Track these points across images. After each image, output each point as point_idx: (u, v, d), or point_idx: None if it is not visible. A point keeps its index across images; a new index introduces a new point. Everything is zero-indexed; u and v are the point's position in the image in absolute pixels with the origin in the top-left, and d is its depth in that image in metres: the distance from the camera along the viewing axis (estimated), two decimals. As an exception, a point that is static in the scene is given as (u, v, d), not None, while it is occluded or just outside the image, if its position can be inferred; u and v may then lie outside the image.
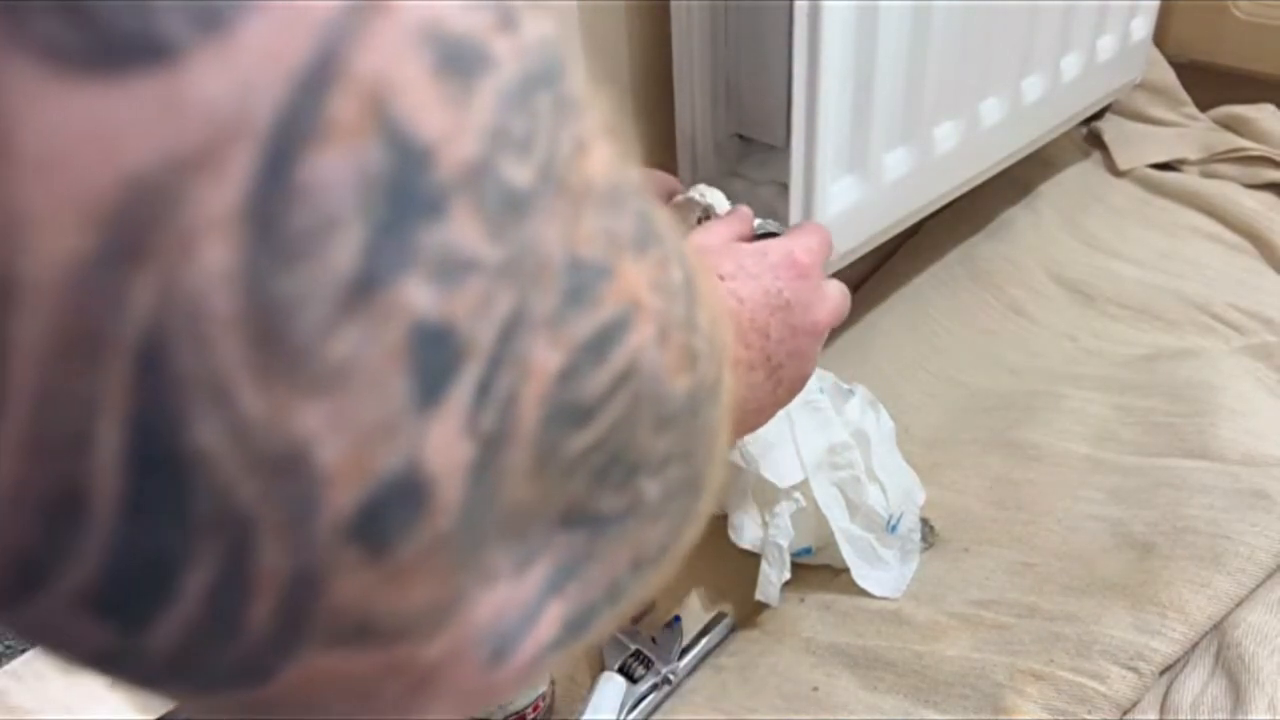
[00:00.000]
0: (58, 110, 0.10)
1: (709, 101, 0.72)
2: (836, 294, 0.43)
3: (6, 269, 0.10)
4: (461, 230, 0.12)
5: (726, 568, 0.69)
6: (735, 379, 0.34)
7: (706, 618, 0.67)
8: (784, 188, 0.69)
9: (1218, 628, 0.59)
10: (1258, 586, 0.60)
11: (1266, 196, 1.05)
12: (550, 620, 0.16)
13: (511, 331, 0.13)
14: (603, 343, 0.14)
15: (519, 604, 0.15)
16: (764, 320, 0.36)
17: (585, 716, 0.59)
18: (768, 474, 0.63)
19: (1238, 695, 0.54)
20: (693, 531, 0.20)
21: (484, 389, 0.13)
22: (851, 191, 0.72)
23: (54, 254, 0.10)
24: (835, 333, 0.91)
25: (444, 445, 0.13)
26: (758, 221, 0.49)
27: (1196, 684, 0.56)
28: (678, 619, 0.65)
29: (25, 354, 0.10)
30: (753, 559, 0.65)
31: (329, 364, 0.11)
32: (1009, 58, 0.84)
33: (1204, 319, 0.90)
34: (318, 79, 0.11)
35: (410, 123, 0.11)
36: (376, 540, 0.12)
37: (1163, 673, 0.57)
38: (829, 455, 0.65)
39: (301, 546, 0.12)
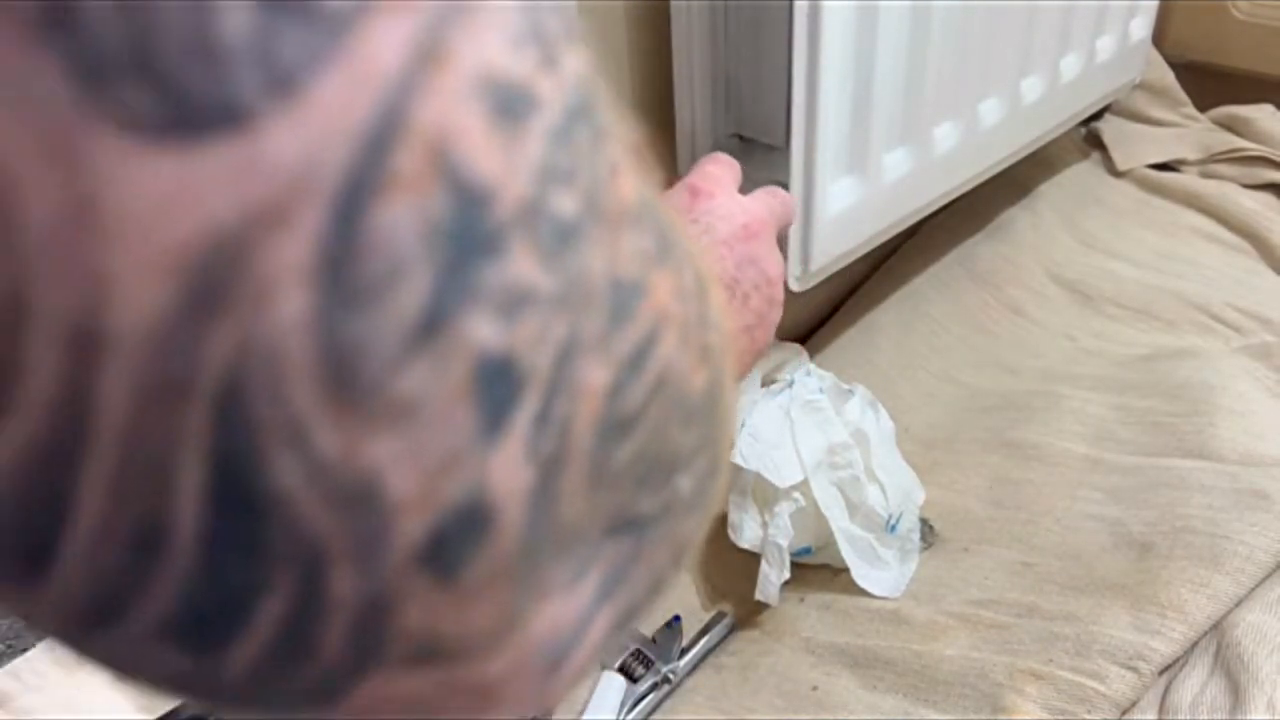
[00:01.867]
0: (140, 176, 0.10)
1: (709, 101, 0.72)
2: (760, 195, 0.43)
3: (95, 323, 0.11)
4: (520, 264, 0.13)
5: (726, 567, 0.69)
6: None
7: (706, 617, 0.67)
8: (784, 188, 0.69)
9: (1217, 627, 0.59)
10: (1257, 586, 0.60)
11: (1265, 197, 1.05)
12: (601, 625, 0.17)
13: (566, 356, 0.14)
14: (640, 356, 0.15)
15: (574, 615, 0.16)
16: (692, 232, 0.38)
17: (585, 716, 0.59)
18: (768, 474, 0.63)
19: (1237, 695, 0.54)
20: (713, 511, 0.21)
21: (543, 414, 0.13)
22: (851, 192, 0.72)
23: (139, 308, 0.11)
24: (835, 333, 0.91)
25: (507, 471, 0.13)
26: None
27: (1196, 683, 0.56)
28: (678, 618, 0.65)
29: (112, 401, 0.11)
30: (752, 558, 0.65)
31: (399, 400, 0.12)
32: (1008, 58, 0.84)
33: (1203, 319, 0.90)
34: (382, 134, 0.11)
35: (469, 168, 0.12)
36: (444, 565, 0.13)
37: (1162, 672, 0.57)
38: (829, 455, 0.65)
39: (373, 574, 0.13)
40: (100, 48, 0.10)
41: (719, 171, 0.43)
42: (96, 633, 0.13)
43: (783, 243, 0.45)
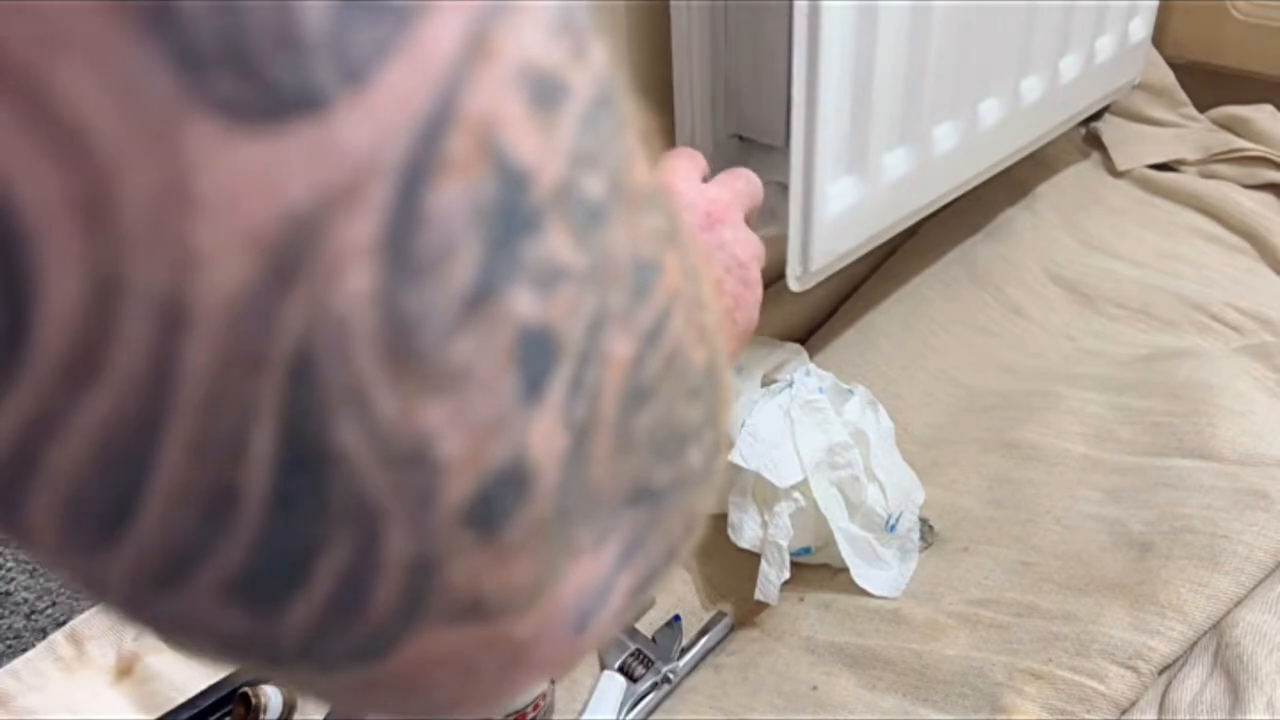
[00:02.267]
0: (229, 158, 0.11)
1: (709, 102, 0.72)
2: (722, 179, 0.44)
3: (182, 296, 0.11)
4: (556, 242, 0.14)
5: (726, 567, 0.69)
6: None
7: (706, 617, 0.67)
8: (784, 188, 0.69)
9: (1216, 627, 0.59)
10: (1256, 586, 0.61)
11: (1265, 197, 1.05)
12: (622, 589, 0.17)
13: (596, 328, 0.14)
14: (657, 330, 0.16)
15: (598, 578, 0.17)
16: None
17: (585, 716, 0.59)
18: (767, 474, 0.63)
19: (1236, 695, 0.54)
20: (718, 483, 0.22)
21: (576, 382, 0.14)
22: (851, 192, 0.72)
23: (222, 283, 0.11)
24: (835, 333, 0.91)
25: (545, 436, 0.14)
26: None
27: (1195, 683, 0.56)
28: (677, 618, 0.65)
29: (195, 370, 0.12)
30: (752, 558, 0.65)
31: (450, 367, 0.13)
32: (1008, 58, 0.84)
33: (1202, 319, 0.90)
34: (439, 121, 0.12)
35: (513, 153, 0.13)
36: (488, 524, 0.14)
37: (1161, 672, 0.57)
38: (828, 455, 0.65)
39: (424, 532, 0.13)
40: (198, 39, 0.11)
41: (679, 164, 0.43)
42: (163, 594, 0.13)
43: (751, 222, 0.45)
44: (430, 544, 0.13)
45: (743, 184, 0.44)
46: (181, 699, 0.57)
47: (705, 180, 0.45)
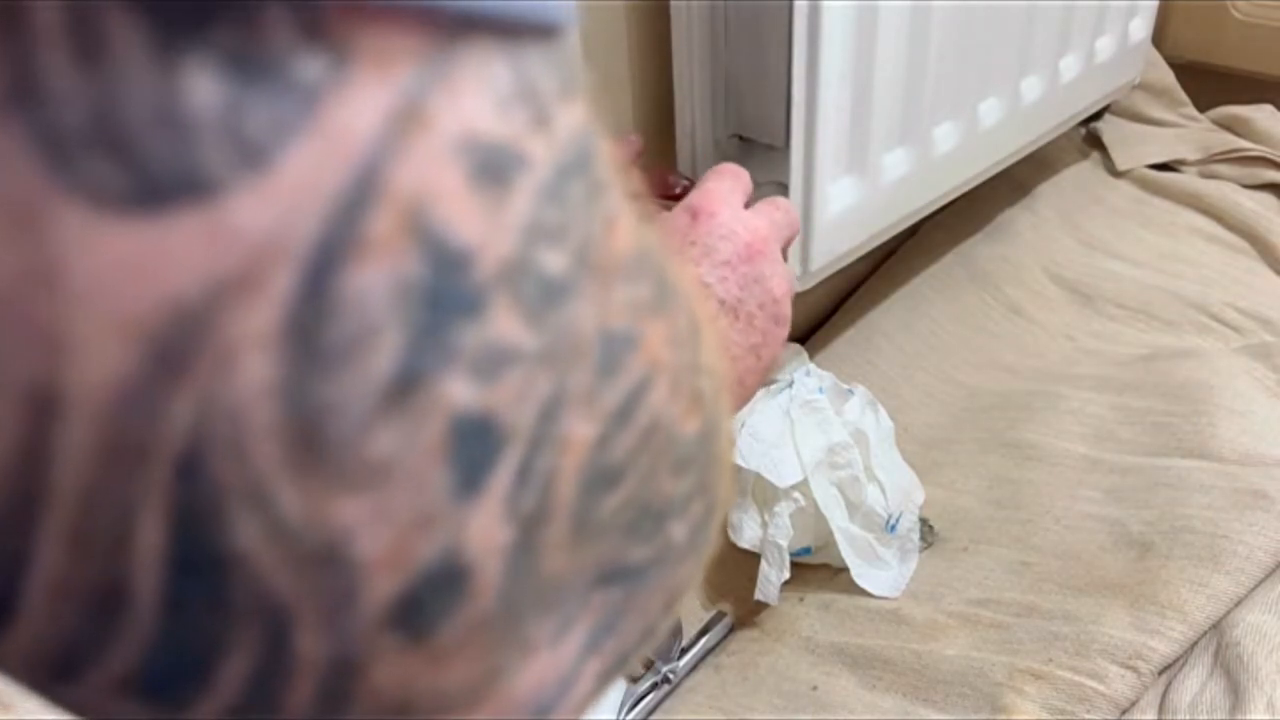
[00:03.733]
0: (103, 244, 0.10)
1: (709, 101, 0.72)
2: (763, 209, 0.42)
3: (55, 384, 0.11)
4: (501, 324, 0.13)
5: (726, 567, 0.69)
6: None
7: (706, 617, 0.67)
8: (784, 188, 0.69)
9: (1216, 627, 0.59)
10: (1256, 586, 0.61)
11: (1265, 197, 1.05)
12: (588, 677, 0.16)
13: (551, 412, 0.13)
14: (629, 407, 0.15)
15: (559, 669, 0.16)
16: (694, 275, 0.36)
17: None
18: (767, 474, 0.63)
19: (1236, 695, 0.54)
20: (712, 547, 0.20)
21: (524, 471, 0.13)
22: (851, 192, 0.72)
23: (100, 371, 0.11)
24: (835, 332, 0.91)
25: (484, 530, 0.13)
26: (673, 179, 0.48)
27: (1195, 683, 0.56)
28: (677, 618, 0.65)
29: (71, 459, 0.11)
30: (752, 558, 0.65)
31: (369, 462, 0.12)
32: (1008, 58, 0.84)
33: (1202, 319, 0.90)
34: (355, 200, 0.11)
35: (447, 231, 0.12)
36: (417, 626, 0.13)
37: (1161, 672, 0.57)
38: (828, 455, 0.65)
39: (341, 634, 0.13)
40: (65, 120, 0.10)
41: (722, 187, 0.42)
42: (61, 685, 0.13)
43: (786, 253, 0.45)
44: (349, 647, 0.13)
45: (781, 215, 0.43)
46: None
47: (748, 204, 0.43)
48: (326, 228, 0.11)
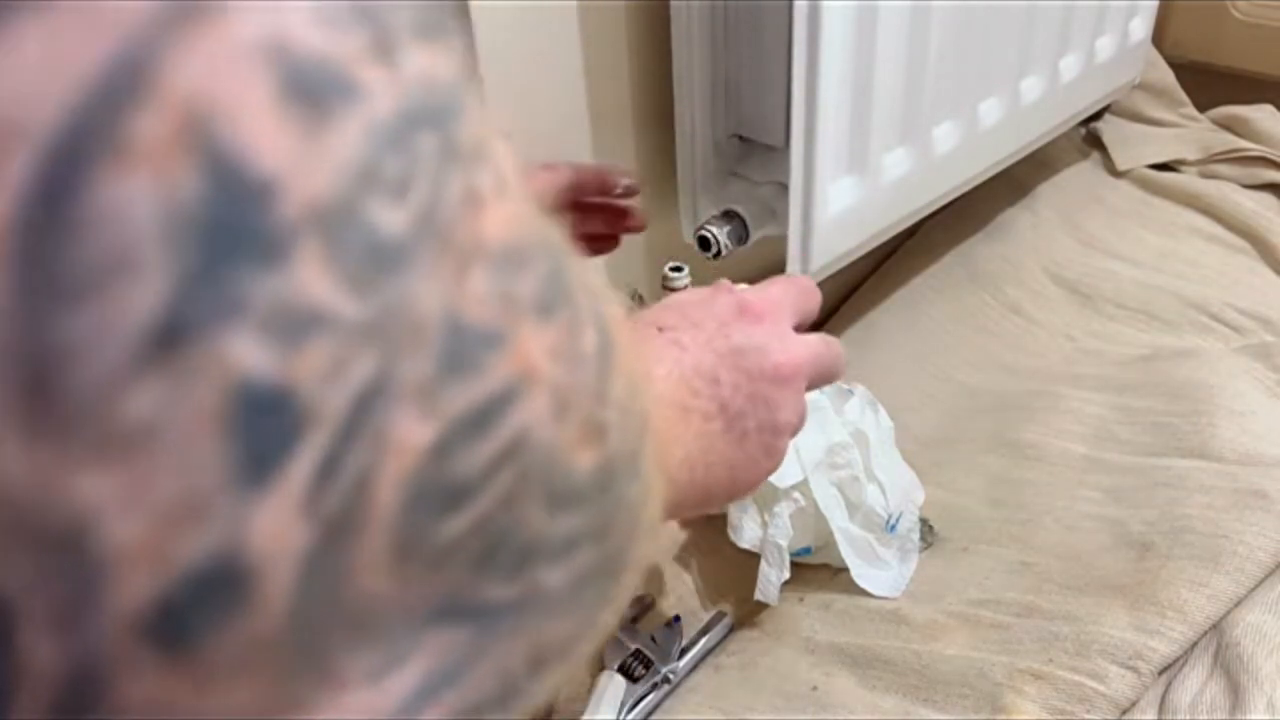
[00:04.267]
0: None
1: (709, 101, 0.72)
2: (812, 341, 0.40)
3: None
4: (309, 280, 0.11)
5: (726, 567, 0.69)
6: (686, 429, 0.32)
7: (706, 617, 0.67)
8: (784, 188, 0.69)
9: (1216, 627, 0.59)
10: (1256, 586, 0.61)
11: (1265, 197, 1.05)
12: None
13: (370, 400, 0.11)
14: (485, 416, 0.13)
15: (379, 712, 0.13)
16: (710, 365, 0.34)
17: (585, 716, 0.59)
18: (767, 474, 0.63)
19: (1236, 695, 0.54)
20: (610, 617, 0.18)
21: (330, 465, 0.11)
22: (851, 192, 0.72)
23: None
24: (835, 333, 0.91)
25: (274, 529, 0.11)
26: (740, 286, 0.46)
27: (1195, 684, 0.56)
28: (677, 618, 0.65)
29: None
30: (752, 558, 0.65)
31: (121, 425, 0.10)
32: (1008, 58, 0.84)
33: (1202, 319, 0.90)
34: (116, 89, 0.09)
35: (240, 150, 0.10)
36: (180, 638, 0.11)
37: (1161, 672, 0.57)
38: (828, 455, 0.65)
39: (82, 641, 0.10)
40: None
41: (781, 299, 0.40)
42: None
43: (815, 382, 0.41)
44: (92, 657, 0.10)
45: (826, 352, 0.41)
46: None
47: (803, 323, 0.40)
48: (74, 117, 0.09)
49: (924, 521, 0.70)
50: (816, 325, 1.02)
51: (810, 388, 0.40)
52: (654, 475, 0.18)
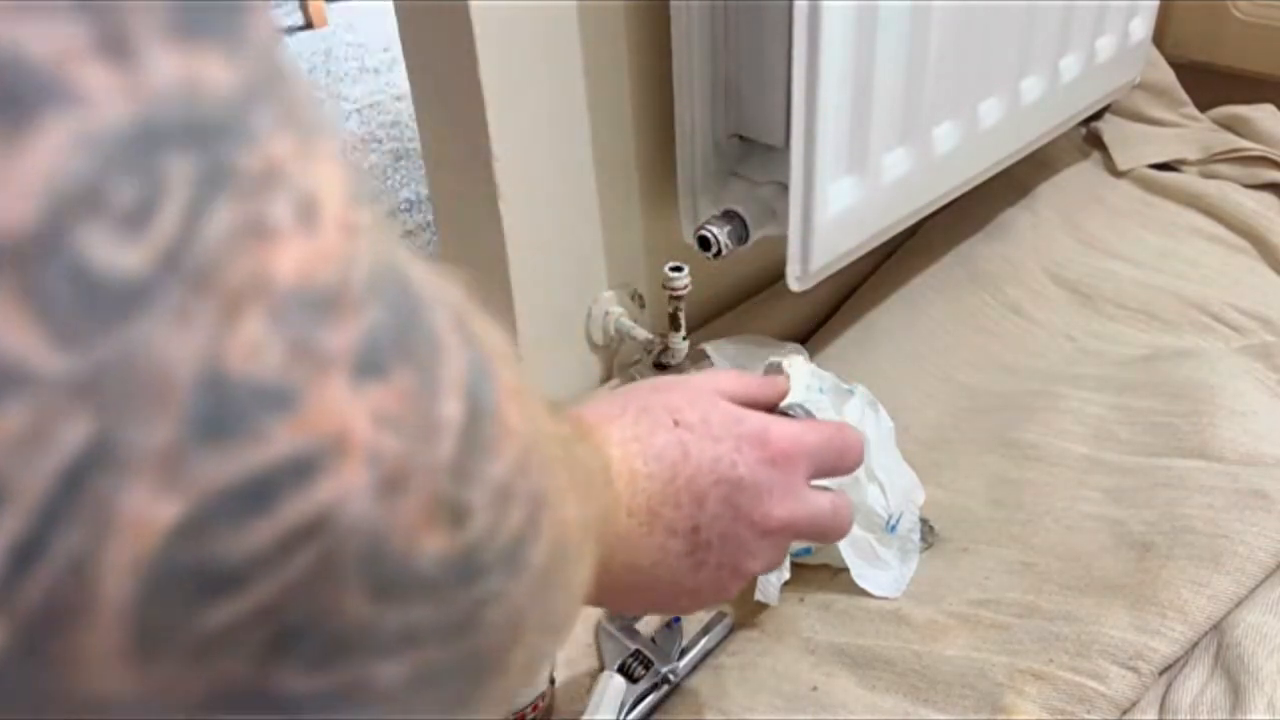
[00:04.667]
0: None
1: (709, 101, 0.72)
2: (822, 502, 0.38)
3: None
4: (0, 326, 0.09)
5: (726, 567, 0.69)
6: (647, 536, 0.31)
7: (706, 617, 0.67)
8: (784, 188, 0.69)
9: (1217, 628, 0.59)
10: (1257, 586, 0.60)
11: (1266, 197, 1.05)
12: None
13: (82, 473, 0.10)
14: (263, 490, 0.11)
15: None
16: (703, 486, 0.33)
17: (585, 716, 0.59)
18: (767, 474, 0.63)
19: (1237, 695, 0.54)
20: (492, 715, 0.16)
21: (25, 552, 0.10)
22: (851, 192, 0.72)
23: None
24: (835, 332, 0.91)
25: None
26: (791, 401, 0.44)
27: (1196, 684, 0.56)
28: (677, 619, 0.65)
29: None
30: (752, 559, 0.65)
31: None
32: (1008, 58, 0.84)
33: (1203, 319, 0.90)
34: None
35: None
36: None
37: (1162, 673, 0.57)
38: (828, 455, 0.65)
39: None
40: None
41: (811, 447, 0.38)
42: None
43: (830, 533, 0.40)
44: None
45: (828, 508, 0.39)
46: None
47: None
48: None
49: (924, 522, 0.70)
50: (816, 327, 1.02)
51: (801, 543, 0.39)
52: (563, 570, 0.16)
